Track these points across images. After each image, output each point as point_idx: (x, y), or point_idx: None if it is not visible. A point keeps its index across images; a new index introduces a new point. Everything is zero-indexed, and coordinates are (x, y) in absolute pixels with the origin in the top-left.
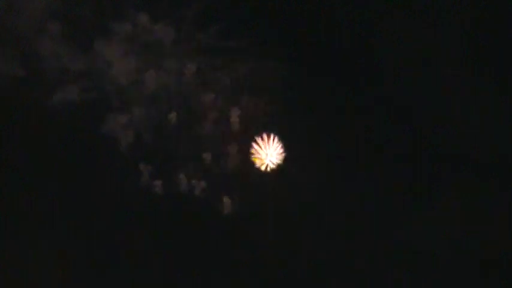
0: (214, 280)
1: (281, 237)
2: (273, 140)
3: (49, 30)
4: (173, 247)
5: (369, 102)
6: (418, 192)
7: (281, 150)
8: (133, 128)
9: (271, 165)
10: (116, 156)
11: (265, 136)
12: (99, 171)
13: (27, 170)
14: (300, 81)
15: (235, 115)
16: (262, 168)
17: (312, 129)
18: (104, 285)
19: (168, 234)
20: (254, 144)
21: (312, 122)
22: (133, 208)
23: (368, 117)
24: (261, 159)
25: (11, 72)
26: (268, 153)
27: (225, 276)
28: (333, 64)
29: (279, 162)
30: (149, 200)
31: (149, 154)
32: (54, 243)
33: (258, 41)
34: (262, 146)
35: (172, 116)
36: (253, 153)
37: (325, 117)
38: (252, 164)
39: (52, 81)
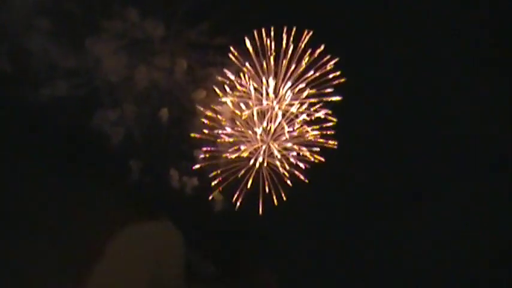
0: (206, 278)
1: (275, 235)
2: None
3: (37, 27)
4: None
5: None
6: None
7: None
8: (124, 125)
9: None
10: (106, 153)
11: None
12: (88, 167)
13: (13, 167)
14: None
15: (226, 111)
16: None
17: None
18: (92, 281)
19: None
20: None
21: None
22: (124, 205)
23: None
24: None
25: None
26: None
27: (216, 273)
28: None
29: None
30: (139, 196)
31: (140, 151)
32: (41, 239)
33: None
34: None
35: (163, 112)
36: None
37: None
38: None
39: (40, 77)
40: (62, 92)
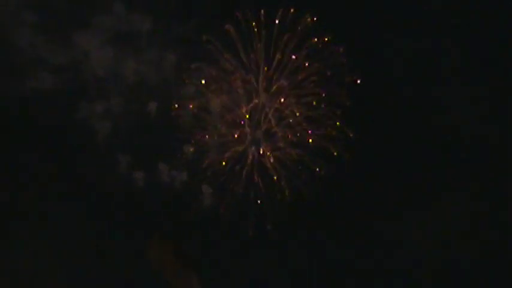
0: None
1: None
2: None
3: (24, 20)
4: (155, 238)
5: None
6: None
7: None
8: (111, 119)
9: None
10: (93, 147)
11: None
12: (75, 161)
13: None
14: None
15: (216, 107)
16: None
17: None
18: (83, 278)
19: (148, 225)
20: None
21: None
22: (112, 199)
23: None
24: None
25: None
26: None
27: (207, 268)
28: None
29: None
30: (128, 191)
31: (128, 145)
32: (29, 236)
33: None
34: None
35: (152, 107)
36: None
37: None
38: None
39: (26, 71)
40: (48, 85)
